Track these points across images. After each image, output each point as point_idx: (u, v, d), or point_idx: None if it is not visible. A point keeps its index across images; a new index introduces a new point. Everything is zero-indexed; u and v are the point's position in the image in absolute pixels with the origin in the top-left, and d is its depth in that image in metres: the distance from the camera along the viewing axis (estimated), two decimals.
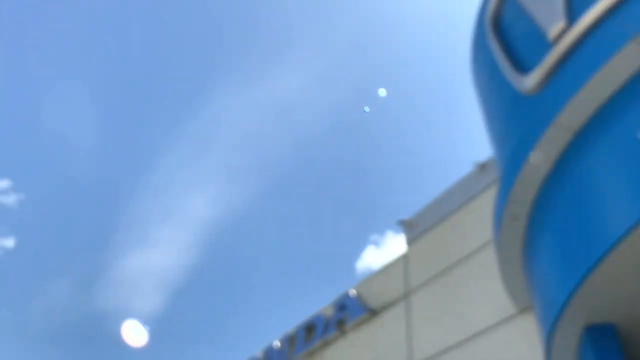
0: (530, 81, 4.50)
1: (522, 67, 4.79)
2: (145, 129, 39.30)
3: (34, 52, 36.29)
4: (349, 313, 8.73)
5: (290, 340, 10.07)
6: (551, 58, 4.21)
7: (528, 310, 5.67)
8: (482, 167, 7.59)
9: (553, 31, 4.28)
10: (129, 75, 37.80)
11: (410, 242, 8.49)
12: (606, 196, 3.62)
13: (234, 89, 35.96)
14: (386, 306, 8.19)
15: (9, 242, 36.58)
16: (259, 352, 10.87)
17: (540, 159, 4.05)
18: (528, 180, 4.27)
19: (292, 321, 10.31)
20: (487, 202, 6.67)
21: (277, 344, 10.43)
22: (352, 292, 8.99)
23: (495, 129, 5.61)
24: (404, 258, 8.45)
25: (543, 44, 4.38)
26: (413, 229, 8.56)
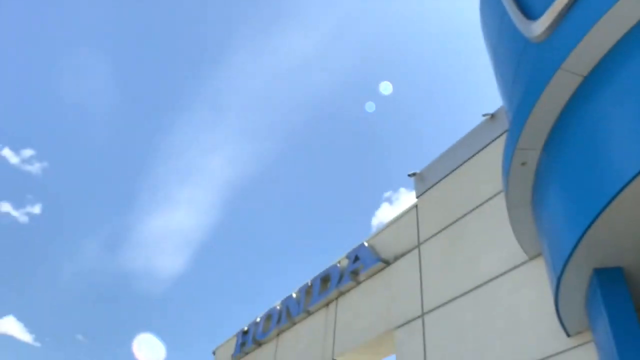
0: (538, 27, 4.43)
1: (530, 13, 4.72)
2: (163, 93, 39.35)
3: (51, 22, 36.10)
4: (363, 263, 8.89)
5: (307, 291, 10.30)
6: (559, 3, 4.14)
7: (537, 257, 5.75)
8: (492, 117, 7.56)
9: None
10: (144, 42, 37.62)
11: (421, 193, 8.53)
12: (614, 141, 3.61)
13: (248, 52, 35.71)
14: (398, 256, 8.32)
15: (36, 209, 37.43)
16: (277, 303, 11.16)
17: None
18: (537, 125, 4.29)
19: (310, 276, 10.54)
20: (497, 151, 6.69)
21: (294, 295, 10.68)
22: (366, 243, 9.15)
23: (505, 77, 5.57)
24: (415, 209, 8.52)
25: None
26: (424, 181, 8.60)
